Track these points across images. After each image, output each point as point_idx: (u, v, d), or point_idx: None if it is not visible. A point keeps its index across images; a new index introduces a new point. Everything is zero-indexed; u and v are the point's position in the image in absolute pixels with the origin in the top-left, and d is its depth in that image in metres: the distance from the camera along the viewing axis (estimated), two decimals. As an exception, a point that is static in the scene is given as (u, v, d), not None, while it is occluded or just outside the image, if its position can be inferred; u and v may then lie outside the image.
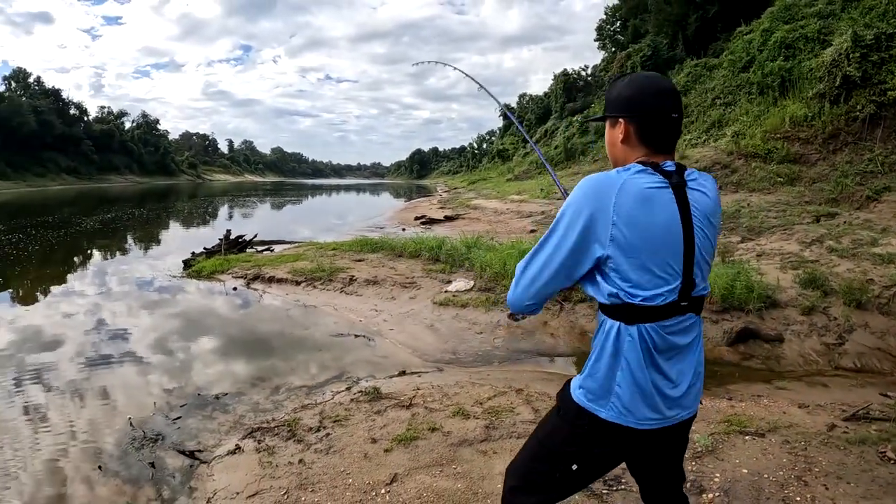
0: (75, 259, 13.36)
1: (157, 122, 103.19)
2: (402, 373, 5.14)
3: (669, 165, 1.42)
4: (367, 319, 7.02)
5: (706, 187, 1.47)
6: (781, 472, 2.97)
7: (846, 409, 3.95)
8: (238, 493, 2.93)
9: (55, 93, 75.93)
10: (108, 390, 4.81)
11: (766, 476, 2.93)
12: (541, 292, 1.47)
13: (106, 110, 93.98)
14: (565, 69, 49.34)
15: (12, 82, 73.07)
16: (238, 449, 3.46)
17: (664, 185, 1.37)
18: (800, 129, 12.62)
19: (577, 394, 1.52)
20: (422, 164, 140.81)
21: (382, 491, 2.85)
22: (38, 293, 9.25)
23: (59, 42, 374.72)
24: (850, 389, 4.65)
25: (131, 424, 4.02)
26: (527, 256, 1.47)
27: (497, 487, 2.84)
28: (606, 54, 44.20)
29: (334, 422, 3.76)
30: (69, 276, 10.60)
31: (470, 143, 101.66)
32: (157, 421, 4.12)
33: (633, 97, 1.45)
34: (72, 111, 78.25)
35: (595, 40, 46.14)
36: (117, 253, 14.28)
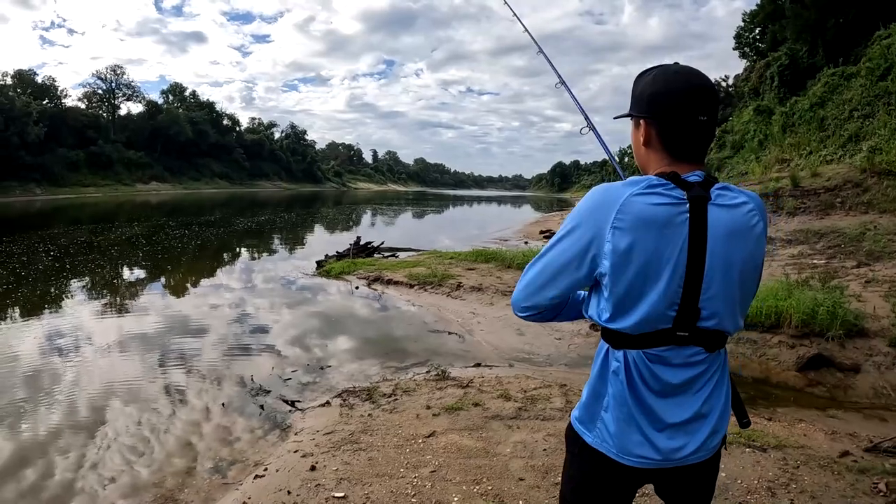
0: (225, 255, 16.04)
1: (304, 132, 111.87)
2: (478, 364, 5.98)
3: (694, 176, 1.25)
4: (464, 320, 7.93)
5: (739, 206, 1.26)
6: (756, 482, 3.24)
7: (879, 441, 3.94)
8: (318, 431, 4.03)
9: (209, 105, 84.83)
10: (238, 358, 6.30)
11: (739, 482, 3.25)
12: (537, 298, 1.37)
13: (256, 121, 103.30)
14: (707, 80, 46.57)
15: (170, 96, 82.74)
16: (327, 403, 4.63)
17: (677, 201, 1.20)
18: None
19: (573, 416, 1.44)
20: (563, 177, 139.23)
21: (420, 441, 3.75)
22: (190, 284, 11.48)
23: (211, 59, 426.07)
24: (910, 426, 4.53)
25: (252, 380, 5.43)
26: (532, 261, 1.39)
27: (507, 451, 3.60)
28: (747, 62, 41.26)
29: (404, 391, 4.76)
30: (218, 270, 13.12)
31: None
32: (272, 380, 5.50)
33: (656, 95, 1.29)
34: (225, 122, 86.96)
35: (734, 49, 43.27)
36: (263, 252, 16.91)
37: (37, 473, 3.76)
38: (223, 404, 4.86)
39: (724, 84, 44.61)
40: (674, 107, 1.27)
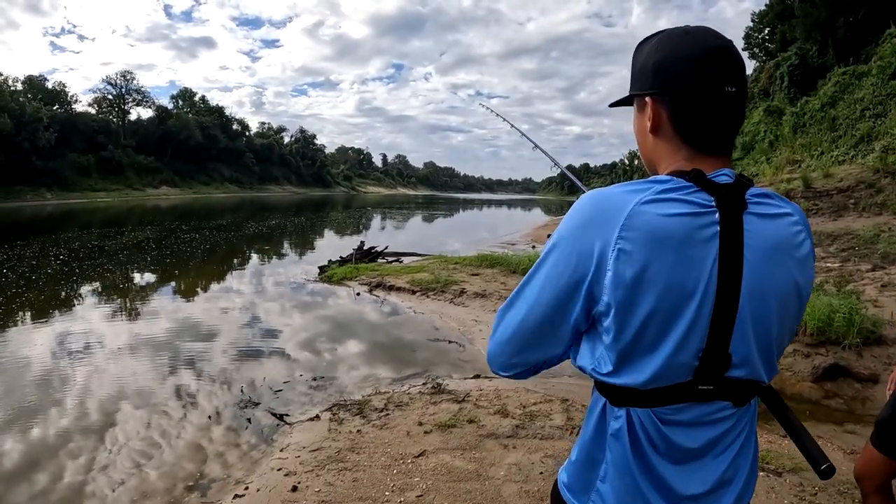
0: (231, 260, 16.01)
1: (314, 136, 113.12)
2: (477, 376, 5.75)
3: (723, 176, 0.93)
4: (466, 328, 7.71)
5: (782, 217, 0.95)
6: (769, 507, 3.04)
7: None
8: (304, 448, 3.81)
9: (219, 110, 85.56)
10: (228, 368, 6.09)
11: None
12: (522, 351, 1.03)
13: (266, 126, 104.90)
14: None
15: (179, 101, 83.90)
16: (316, 417, 4.41)
17: (702, 210, 0.88)
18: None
19: (559, 478, 1.13)
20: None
21: (409, 461, 3.53)
22: (194, 289, 11.39)
23: (221, 64, 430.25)
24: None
25: (241, 391, 5.24)
26: (507, 300, 1.05)
27: (500, 474, 3.38)
28: (757, 63, 40.89)
29: (396, 406, 4.54)
30: (222, 275, 13.01)
31: (621, 160, 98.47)
32: (262, 391, 5.29)
33: (663, 62, 0.96)
34: (234, 126, 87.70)
35: (743, 49, 42.85)
36: (267, 256, 16.81)
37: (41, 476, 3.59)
38: (209, 417, 4.67)
39: (733, 85, 44.03)
40: (690, 75, 0.93)
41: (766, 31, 40.20)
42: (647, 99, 0.99)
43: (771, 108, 27.28)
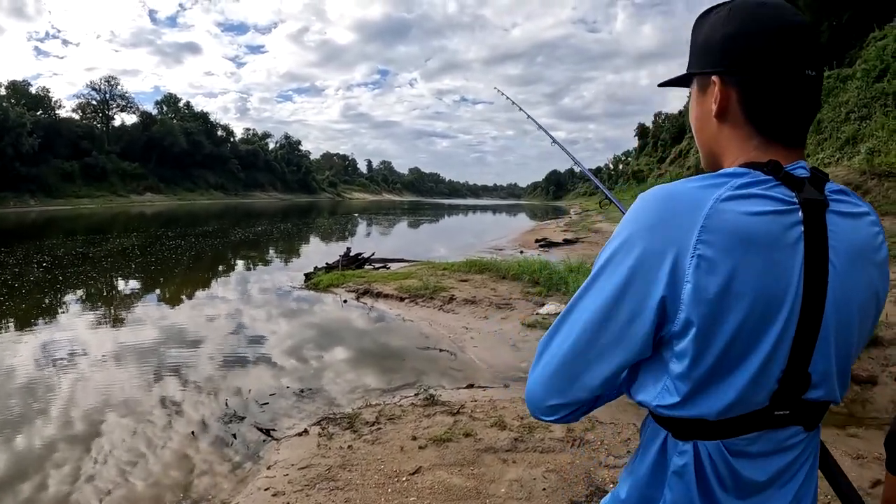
0: (216, 267, 15.76)
1: (298, 142, 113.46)
2: (470, 385, 5.58)
3: (800, 169, 0.81)
4: (456, 335, 7.54)
5: (862, 217, 0.83)
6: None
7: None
8: (293, 465, 3.63)
9: (203, 116, 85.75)
10: (212, 379, 5.88)
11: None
12: (570, 387, 0.86)
13: (251, 132, 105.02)
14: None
15: (164, 106, 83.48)
16: (305, 432, 4.21)
17: (785, 207, 0.76)
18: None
19: None
20: (558, 185, 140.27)
21: (404, 479, 3.36)
22: (184, 295, 11.16)
23: (206, 70, 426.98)
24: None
25: (227, 404, 5.00)
26: (552, 327, 0.89)
27: (501, 491, 3.22)
28: None
29: (388, 419, 4.36)
30: (207, 283, 12.75)
31: (605, 164, 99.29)
32: (248, 404, 5.07)
33: (736, 38, 0.82)
34: (219, 132, 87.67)
35: None
36: (253, 262, 16.54)
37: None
38: (193, 433, 4.45)
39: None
40: (767, 54, 0.80)
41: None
42: (714, 78, 0.85)
43: (756, 112, 27.47)
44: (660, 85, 1.03)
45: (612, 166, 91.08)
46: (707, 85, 0.87)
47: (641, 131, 68.42)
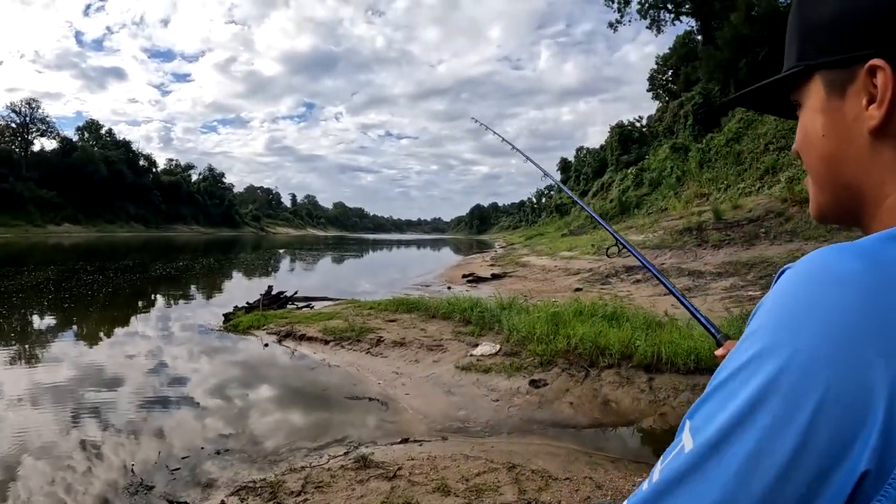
0: (133, 304, 14.60)
1: (222, 175, 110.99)
2: (405, 440, 5.01)
3: None
4: (386, 382, 6.94)
5: None
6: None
7: None
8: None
9: (126, 144, 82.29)
10: (116, 437, 5.06)
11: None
12: None
13: (174, 163, 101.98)
14: (620, 121, 49.02)
15: (85, 133, 79.65)
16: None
17: None
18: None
19: None
20: (482, 220, 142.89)
21: (332, 575, 2.72)
22: (100, 333, 9.94)
23: (130, 96, 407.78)
24: None
25: (132, 471, 4.23)
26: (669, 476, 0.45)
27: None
28: (660, 104, 44.04)
29: (316, 487, 3.73)
30: (118, 324, 11.50)
31: (529, 198, 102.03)
32: (157, 469, 4.32)
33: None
34: (141, 162, 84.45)
35: (648, 90, 46.12)
36: (170, 301, 15.42)
37: None
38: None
39: (638, 125, 47.12)
40: None
41: (670, 73, 43.30)
42: (880, 62, 0.49)
43: (676, 146, 28.93)
44: (727, 101, 0.77)
45: (534, 200, 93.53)
46: (850, 79, 0.53)
47: (564, 165, 70.73)
